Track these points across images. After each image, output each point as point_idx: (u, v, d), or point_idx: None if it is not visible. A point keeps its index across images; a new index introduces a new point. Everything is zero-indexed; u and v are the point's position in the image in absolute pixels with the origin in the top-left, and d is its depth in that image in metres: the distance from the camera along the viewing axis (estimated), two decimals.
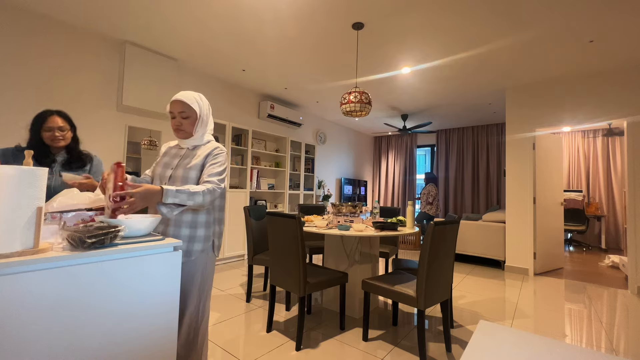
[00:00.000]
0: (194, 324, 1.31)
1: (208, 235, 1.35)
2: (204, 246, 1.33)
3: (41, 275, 0.78)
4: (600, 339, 2.21)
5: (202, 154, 1.37)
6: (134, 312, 0.96)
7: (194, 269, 1.31)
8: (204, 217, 1.35)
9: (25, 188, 0.80)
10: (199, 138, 1.41)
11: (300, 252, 1.96)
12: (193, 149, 1.41)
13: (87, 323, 0.86)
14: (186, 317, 1.29)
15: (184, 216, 1.30)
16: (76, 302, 0.84)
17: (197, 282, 1.32)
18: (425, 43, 3.04)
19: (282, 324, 2.30)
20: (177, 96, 1.35)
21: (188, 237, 1.31)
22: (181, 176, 1.33)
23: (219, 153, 1.39)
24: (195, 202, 1.23)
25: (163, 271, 1.03)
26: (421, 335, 1.79)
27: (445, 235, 1.89)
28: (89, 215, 1.14)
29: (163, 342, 1.03)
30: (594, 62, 3.36)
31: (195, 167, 1.34)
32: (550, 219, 4.13)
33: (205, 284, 1.35)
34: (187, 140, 1.40)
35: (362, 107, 2.69)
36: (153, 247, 1.01)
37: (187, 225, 1.31)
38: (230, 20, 2.72)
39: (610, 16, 2.52)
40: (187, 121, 1.36)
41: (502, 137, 6.24)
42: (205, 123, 1.41)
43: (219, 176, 1.33)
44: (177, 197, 1.18)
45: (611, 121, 3.58)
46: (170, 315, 1.05)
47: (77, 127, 1.76)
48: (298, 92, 4.67)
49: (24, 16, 2.62)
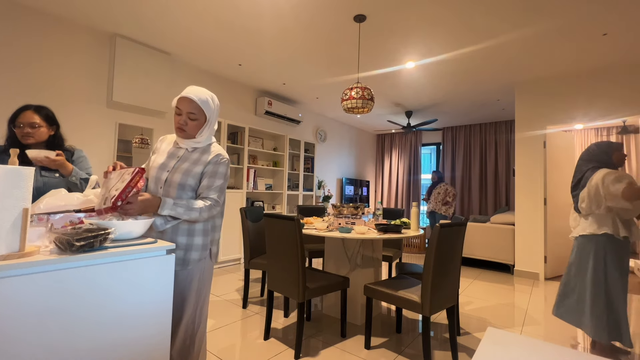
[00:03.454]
0: (190, 331, 1.29)
1: (205, 243, 1.32)
2: (201, 255, 1.30)
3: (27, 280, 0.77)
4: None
5: (204, 160, 1.30)
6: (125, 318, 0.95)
7: (190, 276, 1.29)
8: (201, 225, 1.31)
9: (11, 188, 0.79)
10: (201, 140, 1.34)
11: (299, 256, 1.93)
12: (192, 151, 1.34)
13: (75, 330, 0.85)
14: (182, 324, 1.27)
15: (181, 223, 1.27)
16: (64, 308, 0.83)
17: (194, 289, 1.29)
18: (431, 36, 2.98)
19: (280, 331, 2.26)
20: (189, 93, 1.25)
21: (185, 245, 1.27)
22: (178, 182, 1.26)
23: (222, 162, 1.32)
24: (191, 217, 1.23)
25: (155, 275, 1.02)
26: (426, 343, 1.76)
27: (451, 238, 1.86)
28: (77, 217, 1.11)
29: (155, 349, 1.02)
30: (608, 56, 3.30)
31: (194, 176, 1.28)
32: (561, 220, 4.07)
33: (202, 291, 1.33)
34: (187, 141, 1.32)
35: (364, 104, 2.65)
36: (145, 251, 1.00)
37: (184, 233, 1.27)
38: (226, 12, 2.67)
39: (624, 8, 2.47)
40: (193, 123, 1.28)
41: (511, 135, 6.16)
42: (212, 127, 1.36)
43: (219, 192, 1.31)
44: (174, 209, 1.19)
45: (626, 118, 3.52)
46: (163, 321, 1.04)
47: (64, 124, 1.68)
48: (297, 87, 4.62)
49: (7, 7, 2.55)
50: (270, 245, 2.13)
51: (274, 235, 2.09)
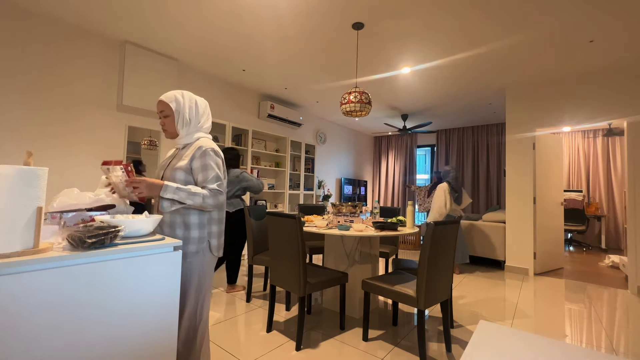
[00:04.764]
0: (193, 324, 1.32)
1: (202, 236, 1.33)
2: (198, 248, 1.31)
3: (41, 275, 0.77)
4: (600, 339, 2.20)
5: (188, 154, 1.34)
6: (134, 311, 0.95)
7: (190, 271, 1.30)
8: (197, 219, 1.32)
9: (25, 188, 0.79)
10: (186, 137, 1.38)
11: (300, 252, 1.95)
12: (183, 148, 1.40)
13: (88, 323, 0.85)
14: (184, 318, 1.29)
15: (177, 217, 1.30)
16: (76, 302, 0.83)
17: (194, 283, 1.31)
18: (426, 43, 3.03)
19: (282, 323, 2.29)
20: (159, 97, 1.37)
21: (182, 238, 1.30)
22: (169, 177, 1.32)
23: (206, 153, 1.32)
24: (195, 203, 1.24)
25: (163, 271, 1.02)
26: (421, 335, 1.79)
27: (445, 235, 1.89)
28: (89, 215, 1.13)
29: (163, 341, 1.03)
30: (595, 62, 3.36)
31: (181, 169, 1.31)
32: (550, 219, 4.13)
33: (202, 286, 1.34)
34: (177, 140, 1.40)
35: (362, 107, 2.69)
36: (153, 247, 1.00)
37: (181, 227, 1.30)
38: (231, 20, 2.72)
39: (610, 16, 2.52)
40: (167, 120, 1.36)
41: (502, 137, 6.23)
42: (187, 120, 1.36)
43: (217, 181, 1.30)
44: (176, 193, 1.21)
45: (611, 121, 3.57)
46: (171, 314, 1.05)
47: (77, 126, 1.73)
48: (298, 92, 4.66)
49: (24, 16, 2.62)
50: (273, 242, 2.16)
51: (276, 233, 2.11)
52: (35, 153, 2.68)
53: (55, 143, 2.78)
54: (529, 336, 0.70)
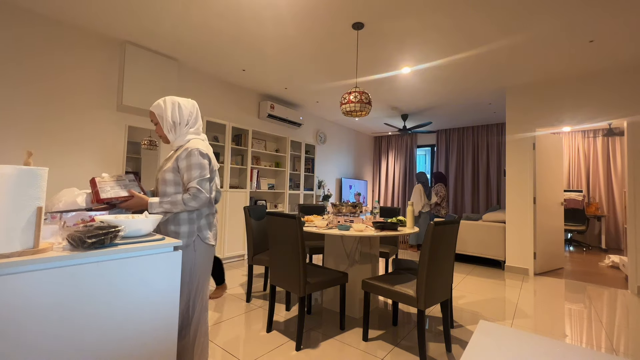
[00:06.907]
0: (185, 320, 1.34)
1: (192, 231, 1.37)
2: (187, 241, 1.35)
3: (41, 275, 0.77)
4: (600, 339, 2.21)
5: (175, 156, 1.41)
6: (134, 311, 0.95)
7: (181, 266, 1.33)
8: (185, 214, 1.37)
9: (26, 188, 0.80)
10: (178, 139, 1.43)
11: (300, 252, 1.96)
12: (177, 150, 1.45)
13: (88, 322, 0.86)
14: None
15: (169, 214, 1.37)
16: (75, 302, 0.83)
17: (185, 279, 1.34)
18: (425, 43, 3.04)
19: (282, 324, 2.30)
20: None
21: (174, 233, 1.36)
22: (160, 179, 1.40)
23: (190, 154, 1.35)
24: (180, 209, 1.32)
25: (163, 271, 1.03)
26: (421, 335, 1.80)
27: (445, 235, 1.89)
28: (89, 215, 1.14)
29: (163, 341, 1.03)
30: (594, 62, 3.36)
31: (169, 170, 1.38)
32: (550, 219, 4.13)
33: (194, 281, 1.36)
34: (171, 144, 1.46)
35: (362, 107, 2.69)
36: (153, 247, 1.01)
37: (172, 222, 1.36)
38: (231, 20, 2.72)
39: (610, 16, 2.52)
40: (157, 127, 1.44)
41: (502, 137, 6.24)
42: (171, 123, 1.40)
43: (198, 179, 1.34)
44: (161, 207, 1.31)
45: (611, 121, 3.58)
46: (170, 314, 1.05)
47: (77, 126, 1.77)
48: (298, 92, 4.67)
49: (24, 15, 2.62)
50: (273, 242, 2.17)
51: (276, 233, 2.12)
52: (35, 153, 2.68)
53: (55, 143, 2.78)
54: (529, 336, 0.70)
